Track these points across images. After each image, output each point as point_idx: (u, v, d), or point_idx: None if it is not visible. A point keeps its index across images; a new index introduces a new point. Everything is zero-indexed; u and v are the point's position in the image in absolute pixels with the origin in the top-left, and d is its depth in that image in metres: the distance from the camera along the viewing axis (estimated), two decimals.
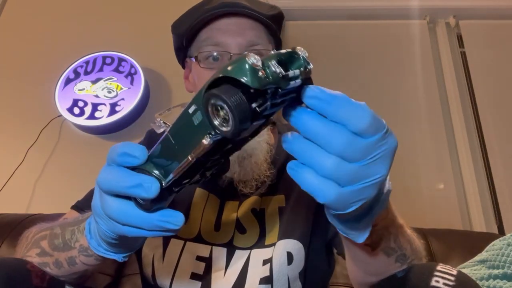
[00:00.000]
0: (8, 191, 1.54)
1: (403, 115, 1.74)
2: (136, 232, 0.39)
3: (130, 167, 0.38)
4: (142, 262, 0.73)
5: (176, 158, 0.35)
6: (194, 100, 0.33)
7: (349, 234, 0.41)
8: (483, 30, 1.88)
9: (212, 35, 0.71)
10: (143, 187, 0.36)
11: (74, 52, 1.74)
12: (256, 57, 0.30)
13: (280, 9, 0.78)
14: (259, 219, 0.72)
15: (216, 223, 0.72)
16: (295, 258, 0.67)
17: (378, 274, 0.54)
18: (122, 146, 0.38)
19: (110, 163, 0.39)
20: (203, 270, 0.68)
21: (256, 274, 0.67)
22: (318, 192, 0.33)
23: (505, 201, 1.57)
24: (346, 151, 0.31)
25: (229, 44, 0.70)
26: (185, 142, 0.34)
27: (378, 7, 1.91)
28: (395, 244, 0.51)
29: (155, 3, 1.90)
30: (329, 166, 0.32)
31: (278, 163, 0.76)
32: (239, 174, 0.70)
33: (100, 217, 0.42)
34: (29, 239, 0.60)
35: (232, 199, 0.74)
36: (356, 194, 0.33)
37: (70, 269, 0.54)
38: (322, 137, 0.32)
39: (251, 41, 0.71)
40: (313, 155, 0.32)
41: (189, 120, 0.33)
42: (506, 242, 0.75)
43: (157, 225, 0.38)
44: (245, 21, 0.71)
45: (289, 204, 0.72)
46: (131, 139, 1.64)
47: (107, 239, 0.44)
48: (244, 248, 0.70)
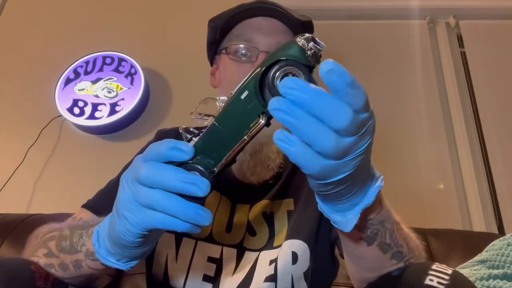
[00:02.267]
0: (8, 191, 1.54)
1: (403, 115, 1.74)
2: (169, 222, 0.39)
3: (176, 163, 0.39)
4: (154, 260, 0.72)
5: (226, 144, 0.38)
6: (246, 87, 0.36)
7: (338, 223, 0.42)
8: (483, 30, 1.88)
9: (245, 32, 0.74)
10: (198, 185, 0.37)
11: (74, 52, 1.74)
12: (301, 40, 0.34)
13: (310, 18, 0.82)
14: (268, 222, 0.74)
15: (228, 224, 0.73)
16: (300, 258, 0.68)
17: (374, 270, 0.54)
18: (168, 141, 0.39)
19: (154, 159, 0.39)
20: (214, 272, 0.70)
21: (262, 273, 0.68)
22: (306, 165, 0.34)
23: (505, 201, 1.57)
24: (349, 126, 0.33)
25: (259, 42, 0.72)
26: (237, 125, 0.37)
27: (378, 7, 1.91)
28: (390, 240, 0.52)
29: (155, 3, 1.90)
30: (330, 142, 0.33)
31: (287, 167, 0.77)
32: (248, 162, 0.72)
33: (129, 210, 0.40)
34: (39, 238, 0.60)
35: (243, 202, 0.76)
36: (341, 166, 0.35)
37: (76, 272, 0.54)
38: (328, 113, 0.32)
39: (280, 43, 0.72)
40: (314, 130, 0.33)
41: (241, 105, 0.36)
42: (506, 242, 0.75)
43: (191, 216, 0.38)
44: (278, 24, 0.74)
45: (297, 208, 0.74)
46: (131, 139, 1.65)
47: (129, 240, 0.42)
48: (254, 250, 0.72)
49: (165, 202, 0.38)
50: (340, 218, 0.42)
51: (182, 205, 0.38)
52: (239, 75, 0.71)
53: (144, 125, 1.67)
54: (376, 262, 0.53)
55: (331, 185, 0.38)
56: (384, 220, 0.50)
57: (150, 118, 1.69)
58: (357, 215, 0.41)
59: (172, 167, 0.38)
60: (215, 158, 0.39)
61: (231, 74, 0.73)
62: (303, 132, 0.33)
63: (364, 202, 0.41)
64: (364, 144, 0.35)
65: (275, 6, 0.73)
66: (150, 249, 0.48)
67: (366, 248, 0.51)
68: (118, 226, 0.42)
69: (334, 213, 0.43)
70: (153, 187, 0.38)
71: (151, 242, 0.46)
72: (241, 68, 0.72)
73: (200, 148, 0.39)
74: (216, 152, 0.39)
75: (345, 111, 0.33)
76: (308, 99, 0.32)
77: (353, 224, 0.41)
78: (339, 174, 0.36)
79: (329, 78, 0.32)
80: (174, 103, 1.72)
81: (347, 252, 0.58)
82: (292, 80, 0.33)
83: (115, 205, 0.43)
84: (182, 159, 0.39)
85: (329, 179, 0.36)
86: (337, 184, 0.37)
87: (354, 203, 0.41)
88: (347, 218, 0.42)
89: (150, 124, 1.67)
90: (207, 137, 0.39)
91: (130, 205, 0.40)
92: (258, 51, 0.72)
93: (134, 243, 0.43)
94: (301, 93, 0.32)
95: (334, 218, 0.43)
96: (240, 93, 0.36)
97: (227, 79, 0.74)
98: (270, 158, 0.73)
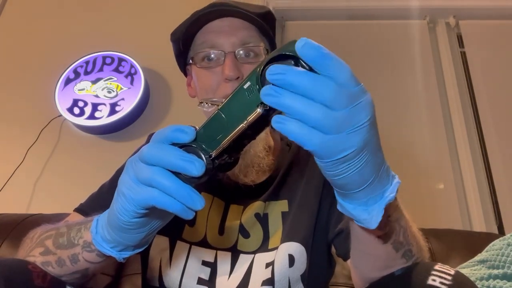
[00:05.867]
0: (8, 191, 1.54)
1: (403, 115, 1.74)
2: (162, 199, 0.41)
3: (179, 145, 0.42)
4: (148, 265, 0.73)
5: (226, 131, 0.41)
6: (249, 78, 0.39)
7: (362, 220, 0.42)
8: (483, 30, 1.88)
9: (207, 38, 0.74)
10: (194, 164, 0.40)
11: (74, 52, 1.74)
12: None
13: (269, 8, 0.81)
14: (262, 224, 0.73)
15: (220, 227, 0.74)
16: (297, 261, 0.69)
17: (382, 269, 0.54)
18: (172, 125, 0.43)
19: (158, 141, 0.43)
20: (209, 275, 0.70)
21: (259, 277, 0.68)
22: (305, 140, 0.35)
23: (505, 201, 1.57)
24: (335, 98, 0.34)
25: (222, 44, 0.72)
26: (237, 114, 0.40)
27: (378, 7, 1.91)
28: (403, 238, 0.52)
29: (155, 3, 1.90)
30: (319, 114, 0.34)
31: (282, 169, 0.77)
32: (240, 165, 0.72)
33: (128, 187, 0.43)
34: (34, 239, 0.61)
35: (236, 203, 0.76)
36: (343, 141, 0.36)
37: (73, 267, 0.55)
38: (311, 87, 0.34)
39: (243, 40, 0.73)
40: (301, 106, 0.35)
41: (243, 95, 0.39)
42: (506, 242, 0.75)
43: (184, 196, 0.40)
44: (237, 22, 0.74)
45: (292, 209, 0.74)
46: (131, 139, 1.65)
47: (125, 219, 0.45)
48: (248, 253, 0.71)
49: (161, 178, 0.41)
50: (365, 215, 0.42)
51: (177, 183, 0.41)
52: (211, 81, 0.72)
53: (144, 125, 1.67)
54: (387, 260, 0.53)
55: (342, 166, 0.37)
56: (399, 217, 0.50)
57: (150, 118, 1.69)
58: (382, 211, 0.41)
59: (172, 146, 0.42)
60: (214, 146, 0.42)
61: (204, 81, 0.73)
62: (293, 110, 0.35)
63: (386, 197, 0.41)
64: (363, 119, 0.36)
65: (227, 6, 0.73)
66: (144, 240, 0.49)
67: (382, 246, 0.51)
68: (115, 205, 0.45)
69: (358, 209, 0.42)
70: (153, 165, 0.41)
71: (146, 230, 0.47)
72: (211, 73, 0.72)
73: (202, 135, 0.42)
74: (217, 139, 0.41)
75: (327, 84, 0.34)
76: (290, 79, 0.34)
77: (378, 221, 0.41)
78: (344, 151, 0.36)
79: (304, 52, 0.35)
80: (174, 103, 1.72)
81: (358, 251, 0.57)
82: (275, 67, 0.35)
83: (117, 186, 0.46)
84: (184, 140, 0.42)
85: (335, 156, 0.36)
86: (347, 166, 0.37)
87: (374, 197, 0.41)
88: (372, 215, 0.42)
89: (150, 124, 1.67)
90: (209, 124, 0.42)
91: (130, 182, 0.43)
92: (224, 53, 0.71)
93: (129, 224, 0.45)
94: (283, 75, 0.34)
95: (359, 216, 0.42)
96: (243, 84, 0.39)
97: (201, 87, 0.74)
98: (259, 157, 0.73)
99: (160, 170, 0.41)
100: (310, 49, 0.34)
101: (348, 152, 0.36)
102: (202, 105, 0.67)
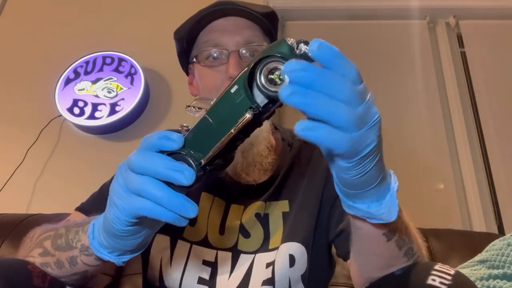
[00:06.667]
0: (8, 191, 1.54)
1: (403, 115, 1.74)
2: (154, 209, 0.40)
3: (167, 152, 0.40)
4: (149, 264, 0.73)
5: (215, 137, 0.39)
6: (236, 82, 0.37)
7: (380, 215, 0.42)
8: (483, 30, 1.88)
9: (211, 37, 0.74)
10: (184, 174, 0.38)
11: (74, 52, 1.74)
12: (291, 40, 0.36)
13: (272, 8, 0.82)
14: (263, 224, 0.73)
15: (220, 226, 0.73)
16: (297, 261, 0.69)
17: (384, 268, 0.54)
18: (159, 132, 0.41)
19: (145, 148, 0.41)
20: (209, 275, 0.70)
21: (259, 276, 0.68)
22: (336, 144, 0.34)
23: (505, 201, 1.57)
24: (353, 95, 0.34)
25: (227, 43, 0.72)
26: (225, 119, 0.38)
27: (378, 7, 1.91)
28: (405, 236, 0.52)
29: (155, 3, 1.90)
30: (344, 113, 0.33)
31: (283, 169, 0.77)
32: (242, 164, 0.72)
33: (120, 197, 0.42)
34: (34, 239, 0.61)
35: (237, 203, 0.76)
36: (365, 136, 0.35)
37: (71, 269, 0.55)
38: (333, 85, 0.33)
39: (247, 39, 0.73)
40: (326, 105, 0.33)
41: (231, 99, 0.38)
42: (506, 242, 0.75)
43: (176, 206, 0.39)
44: (241, 21, 0.74)
45: (292, 209, 0.74)
46: (131, 139, 1.65)
47: (118, 228, 0.44)
48: (249, 252, 0.71)
49: (151, 189, 0.39)
50: (383, 209, 0.42)
51: (168, 193, 0.39)
52: (215, 80, 0.72)
53: (144, 125, 1.67)
54: (390, 259, 0.53)
55: (365, 162, 0.37)
56: (401, 215, 0.50)
57: (150, 118, 1.69)
58: (395, 200, 0.41)
59: (160, 155, 0.40)
60: (204, 151, 0.40)
61: (207, 80, 0.73)
62: (319, 110, 0.33)
63: (393, 187, 0.42)
64: (376, 113, 0.36)
65: (233, 5, 0.73)
66: (142, 244, 0.49)
67: (385, 243, 0.51)
68: (109, 213, 0.44)
69: (373, 206, 0.42)
70: (142, 174, 0.40)
71: (142, 235, 0.47)
72: (215, 72, 0.72)
73: (191, 141, 0.41)
74: (206, 145, 0.40)
75: (345, 81, 0.34)
76: (314, 76, 0.33)
77: (397, 210, 0.41)
78: (367, 147, 0.36)
79: (321, 53, 0.33)
80: (174, 103, 1.72)
81: (360, 250, 0.57)
82: (295, 63, 0.33)
83: (109, 194, 0.44)
84: (171, 148, 0.40)
85: (360, 153, 0.36)
86: (368, 162, 0.37)
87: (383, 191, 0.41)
88: (388, 207, 0.42)
89: (150, 124, 1.67)
90: (197, 130, 0.41)
91: (121, 192, 0.42)
92: (228, 52, 0.72)
93: (123, 232, 0.44)
94: (307, 73, 0.33)
95: (377, 212, 0.42)
96: (230, 87, 0.38)
97: (204, 86, 0.74)
98: (262, 156, 0.73)
99: (150, 180, 0.39)
100: (326, 49, 0.34)
101: (371, 147, 0.36)
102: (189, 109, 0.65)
